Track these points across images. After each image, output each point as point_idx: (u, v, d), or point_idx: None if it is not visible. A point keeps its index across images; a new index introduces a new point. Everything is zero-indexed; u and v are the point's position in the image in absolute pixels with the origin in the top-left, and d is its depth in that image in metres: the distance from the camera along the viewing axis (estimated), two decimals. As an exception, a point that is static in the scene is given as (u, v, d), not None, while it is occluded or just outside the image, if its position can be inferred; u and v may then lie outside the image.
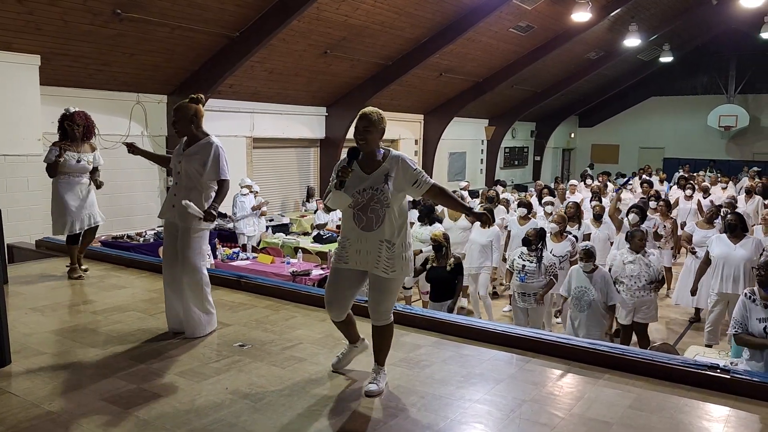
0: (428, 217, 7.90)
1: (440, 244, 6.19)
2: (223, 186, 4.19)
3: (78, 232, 5.64)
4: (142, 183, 10.09)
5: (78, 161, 5.50)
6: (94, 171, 5.70)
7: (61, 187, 5.52)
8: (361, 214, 3.24)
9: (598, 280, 5.76)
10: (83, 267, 5.91)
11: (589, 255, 5.77)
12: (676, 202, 11.65)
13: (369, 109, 3.30)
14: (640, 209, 7.63)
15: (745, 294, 4.25)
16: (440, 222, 8.11)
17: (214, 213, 4.08)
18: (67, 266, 5.89)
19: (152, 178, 10.15)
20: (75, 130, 5.51)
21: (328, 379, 3.51)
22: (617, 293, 5.94)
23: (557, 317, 7.21)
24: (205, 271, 4.23)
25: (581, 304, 5.73)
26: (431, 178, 3.36)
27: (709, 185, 13.04)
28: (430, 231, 7.66)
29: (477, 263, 7.49)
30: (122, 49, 8.58)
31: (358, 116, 3.27)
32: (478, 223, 7.60)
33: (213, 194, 4.19)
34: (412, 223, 8.64)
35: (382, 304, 3.33)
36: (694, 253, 7.41)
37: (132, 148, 4.61)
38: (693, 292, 6.76)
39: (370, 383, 3.35)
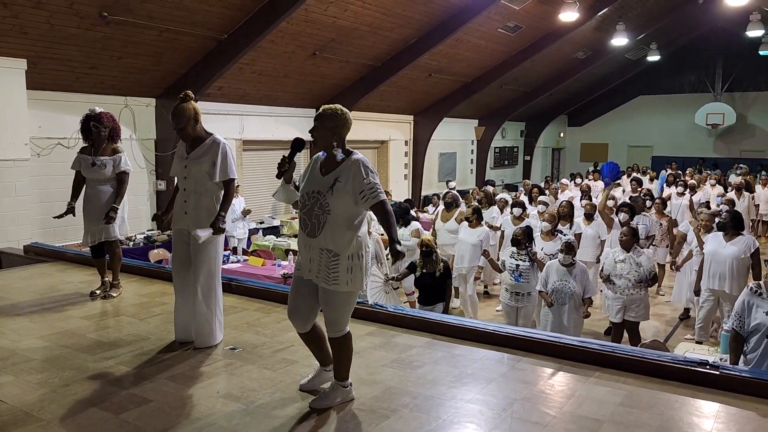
0: (403, 218, 7.90)
1: (430, 249, 6.18)
2: (229, 187, 4.05)
3: (93, 244, 5.23)
4: (132, 187, 9.96)
5: (92, 165, 5.07)
6: (121, 178, 5.19)
7: (84, 195, 5.20)
8: (306, 219, 3.05)
9: (578, 273, 5.85)
10: (111, 286, 5.38)
11: (570, 248, 5.83)
12: (668, 198, 11.77)
13: (327, 105, 3.13)
14: (630, 207, 7.66)
15: (750, 288, 4.17)
16: (417, 221, 8.12)
17: (222, 226, 3.94)
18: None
19: (142, 182, 10.09)
20: (102, 132, 5.09)
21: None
22: (594, 287, 6.08)
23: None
24: (220, 278, 4.10)
25: (562, 297, 5.79)
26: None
27: (695, 183, 13.14)
28: (404, 232, 7.67)
29: (468, 263, 7.50)
30: (109, 53, 8.52)
31: None
32: (465, 223, 7.68)
33: (222, 196, 4.06)
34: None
35: (329, 316, 3.09)
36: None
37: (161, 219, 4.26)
38: (696, 293, 6.74)
39: (320, 395, 3.20)
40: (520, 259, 6.28)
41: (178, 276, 4.09)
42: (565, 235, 7.36)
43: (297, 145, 3.22)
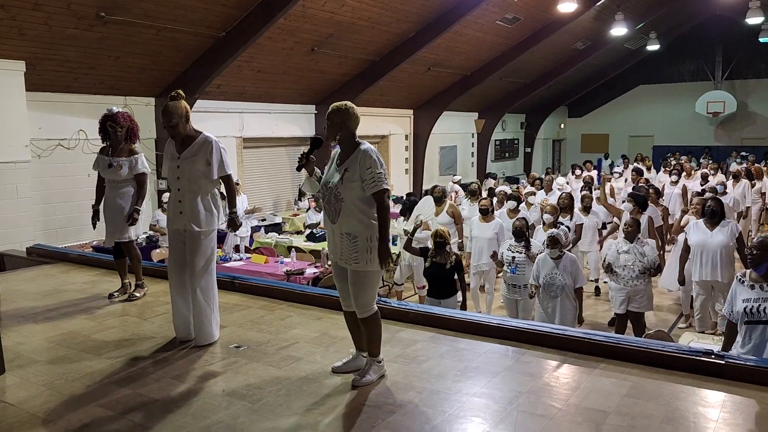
0: (410, 211, 7.87)
1: (444, 241, 6.17)
2: (229, 183, 4.12)
3: (112, 244, 5.20)
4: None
5: (109, 165, 4.99)
6: (141, 180, 5.09)
7: (104, 197, 5.12)
8: (328, 207, 3.37)
9: (567, 265, 5.81)
10: (135, 286, 5.30)
11: (554, 242, 5.80)
12: (663, 188, 11.80)
13: (336, 102, 3.37)
14: (634, 197, 7.66)
15: (737, 276, 4.24)
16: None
17: (238, 221, 4.12)
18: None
19: (142, 182, 10.10)
20: (118, 132, 4.98)
21: (325, 378, 3.50)
22: (583, 277, 6.06)
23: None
24: (215, 276, 4.12)
25: (553, 290, 5.78)
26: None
27: (707, 172, 13.11)
28: (411, 225, 7.64)
29: (487, 259, 7.43)
30: (107, 52, 8.51)
31: None
32: (476, 218, 7.65)
33: (216, 192, 4.10)
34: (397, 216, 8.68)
35: (357, 296, 3.35)
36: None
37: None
38: (681, 282, 6.76)
39: (358, 374, 3.41)
40: (517, 252, 6.27)
41: (176, 276, 4.09)
42: (566, 227, 7.37)
43: (315, 142, 3.49)
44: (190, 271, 4.00)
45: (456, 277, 6.11)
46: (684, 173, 12.57)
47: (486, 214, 7.61)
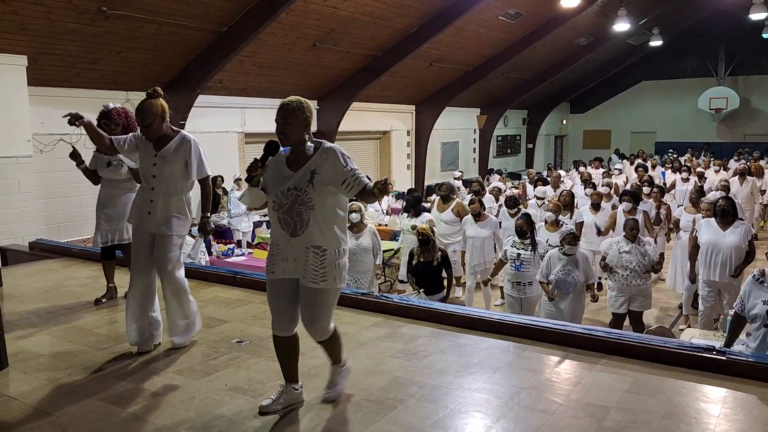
0: (414, 208, 7.82)
1: (427, 238, 6.14)
2: (206, 185, 3.89)
3: (106, 245, 4.95)
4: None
5: (108, 164, 4.77)
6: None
7: (99, 195, 4.91)
8: (287, 218, 2.87)
9: (581, 261, 5.82)
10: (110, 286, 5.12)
11: (575, 238, 5.86)
12: (673, 185, 11.77)
13: (289, 98, 2.96)
14: (632, 195, 7.63)
15: (754, 275, 4.07)
16: (428, 212, 8.06)
17: (210, 228, 3.88)
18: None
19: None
20: (114, 130, 4.69)
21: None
22: (594, 274, 6.10)
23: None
24: (184, 275, 3.92)
25: (565, 287, 5.77)
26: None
27: (703, 169, 13.11)
28: (416, 222, 7.62)
29: (485, 258, 7.41)
30: (109, 47, 8.51)
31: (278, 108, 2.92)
32: (469, 218, 7.59)
33: (189, 195, 3.91)
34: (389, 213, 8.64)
35: (317, 320, 2.95)
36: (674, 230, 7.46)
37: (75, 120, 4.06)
38: (692, 280, 6.64)
39: (327, 389, 3.15)
40: (522, 249, 6.25)
41: (142, 277, 3.83)
42: (567, 225, 7.35)
43: (271, 148, 2.98)
44: (161, 274, 3.81)
45: (444, 272, 6.14)
46: (692, 171, 12.56)
47: (478, 217, 7.52)
